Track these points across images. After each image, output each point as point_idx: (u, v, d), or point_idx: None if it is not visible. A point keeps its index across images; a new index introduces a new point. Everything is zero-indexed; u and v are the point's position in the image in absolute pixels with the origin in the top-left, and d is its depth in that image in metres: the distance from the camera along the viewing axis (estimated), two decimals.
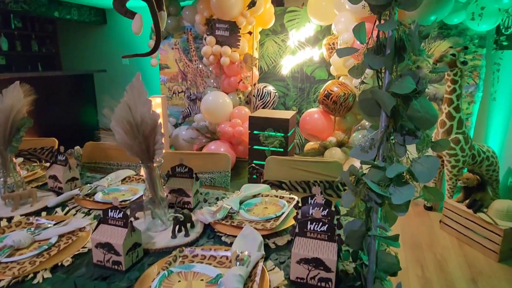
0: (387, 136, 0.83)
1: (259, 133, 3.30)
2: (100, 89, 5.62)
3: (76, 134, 4.78)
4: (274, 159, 2.04)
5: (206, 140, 4.00)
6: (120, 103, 1.05)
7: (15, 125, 1.25)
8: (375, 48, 0.81)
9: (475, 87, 3.20)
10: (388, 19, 0.74)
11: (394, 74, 0.81)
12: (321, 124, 3.54)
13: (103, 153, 2.29)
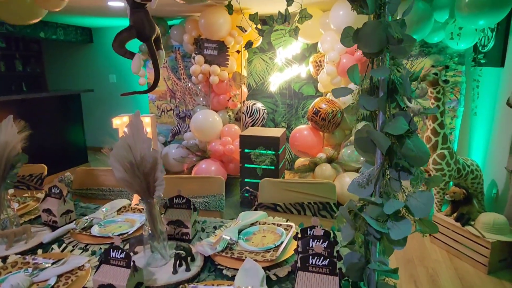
0: (383, 173, 0.87)
1: (250, 151, 3.32)
2: (87, 108, 5.57)
3: (63, 154, 4.70)
4: (268, 181, 2.06)
5: (196, 159, 3.99)
6: (119, 140, 1.06)
7: (10, 162, 1.23)
8: (369, 89, 0.86)
9: (457, 102, 3.33)
10: (381, 65, 0.79)
11: (388, 114, 0.86)
12: (311, 140, 3.60)
13: (94, 179, 2.27)
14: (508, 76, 2.73)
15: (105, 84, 5.80)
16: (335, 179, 3.38)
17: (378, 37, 0.75)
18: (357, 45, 0.83)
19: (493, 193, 2.90)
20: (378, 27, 0.75)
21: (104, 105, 5.90)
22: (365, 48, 0.78)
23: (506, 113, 2.65)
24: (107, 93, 5.81)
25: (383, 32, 0.75)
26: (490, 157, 2.97)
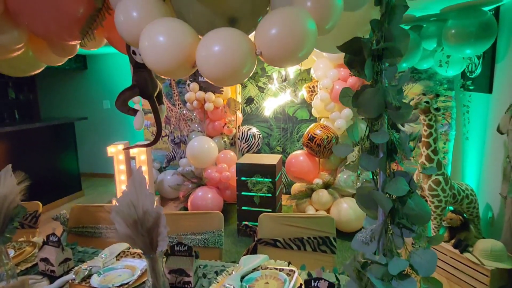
0: (385, 229, 0.88)
1: (247, 179, 3.32)
2: (81, 134, 5.54)
3: (57, 183, 4.64)
4: (267, 216, 2.06)
5: (192, 186, 3.97)
6: (122, 195, 1.06)
7: (9, 215, 1.22)
8: (369, 148, 0.88)
9: (448, 126, 3.40)
10: (380, 129, 0.82)
11: (388, 172, 0.88)
12: (307, 166, 3.62)
13: (90, 216, 2.23)
14: (496, 103, 2.81)
15: (99, 110, 5.80)
16: (332, 205, 3.39)
17: (376, 103, 0.78)
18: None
19: (488, 217, 2.93)
20: (376, 94, 0.78)
21: (98, 131, 5.88)
22: (365, 113, 0.80)
23: (497, 139, 2.71)
24: (101, 119, 5.80)
25: (381, 98, 0.78)
26: (484, 181, 3.02)
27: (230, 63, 0.77)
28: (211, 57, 0.78)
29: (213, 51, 0.78)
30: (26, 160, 4.20)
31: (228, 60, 0.77)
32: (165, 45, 0.78)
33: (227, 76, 0.80)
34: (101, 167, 5.87)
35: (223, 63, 0.77)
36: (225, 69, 0.78)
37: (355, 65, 0.82)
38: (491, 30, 2.65)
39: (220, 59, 0.77)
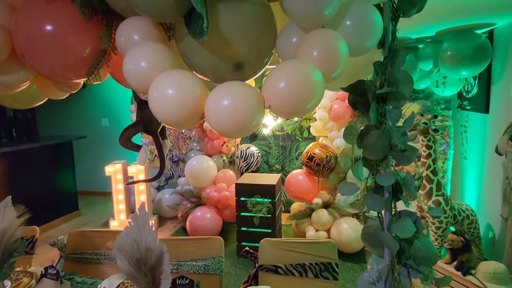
0: (392, 270, 0.87)
1: (246, 199, 3.30)
2: (78, 153, 5.52)
3: (53, 202, 4.58)
4: (268, 242, 2.04)
5: (191, 205, 3.94)
6: (124, 231, 1.05)
7: (8, 250, 1.20)
8: (374, 188, 0.88)
9: (446, 145, 3.42)
10: (385, 171, 0.82)
11: (394, 211, 0.88)
12: (306, 185, 3.61)
13: (89, 242, 2.20)
14: (493, 123, 2.83)
15: (97, 128, 5.79)
16: (333, 225, 3.36)
17: (381, 145, 0.79)
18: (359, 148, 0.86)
19: (489, 237, 2.91)
20: (381, 137, 0.78)
21: (96, 149, 5.86)
22: (370, 155, 0.81)
23: (495, 159, 2.73)
24: (100, 137, 5.79)
25: (386, 140, 0.79)
26: (483, 201, 3.02)
27: (239, 117, 0.78)
28: (220, 111, 0.79)
29: (222, 105, 0.79)
30: (23, 179, 4.16)
31: (237, 114, 0.78)
32: (174, 98, 0.78)
33: (236, 129, 0.80)
34: (98, 185, 5.83)
35: (232, 117, 0.78)
36: (234, 123, 0.78)
37: (359, 106, 0.83)
38: (486, 52, 2.71)
39: (229, 113, 0.78)
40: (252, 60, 0.94)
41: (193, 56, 0.93)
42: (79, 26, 1.02)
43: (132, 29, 0.90)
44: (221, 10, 0.82)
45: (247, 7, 0.86)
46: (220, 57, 0.89)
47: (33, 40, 1.02)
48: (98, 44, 1.04)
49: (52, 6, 1.01)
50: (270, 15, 0.92)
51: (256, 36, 0.89)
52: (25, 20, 1.03)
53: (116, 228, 4.19)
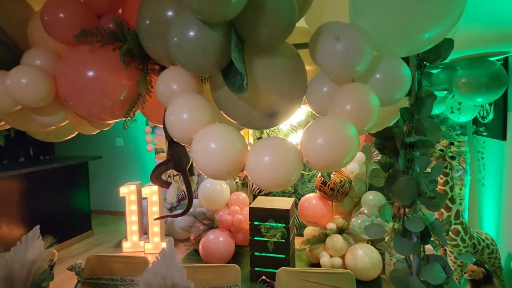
0: None
1: (260, 224, 3.29)
2: (94, 174, 5.60)
3: (68, 221, 4.62)
4: (286, 271, 2.02)
5: (204, 228, 3.94)
6: (151, 266, 1.06)
7: (36, 281, 1.22)
8: (401, 231, 0.89)
9: (463, 171, 3.38)
10: (414, 216, 0.83)
11: (422, 255, 0.88)
12: (320, 210, 3.58)
13: (106, 267, 2.21)
14: (511, 150, 2.80)
15: (112, 147, 5.89)
16: (347, 251, 3.31)
17: (409, 192, 0.80)
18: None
19: (511, 267, 2.83)
20: (409, 183, 0.80)
21: (110, 169, 5.94)
22: (398, 200, 0.82)
23: None
24: (114, 157, 5.88)
25: (414, 187, 0.80)
26: (504, 230, 2.94)
27: (280, 172, 0.81)
28: (261, 166, 0.82)
29: (263, 161, 0.82)
30: (40, 199, 4.23)
31: (277, 170, 0.81)
32: (217, 151, 0.82)
33: (276, 184, 0.83)
34: (111, 204, 5.88)
35: (273, 172, 0.81)
36: (274, 178, 0.82)
37: (387, 151, 0.85)
38: (502, 80, 2.71)
39: (270, 169, 0.81)
40: (285, 108, 0.97)
41: (227, 103, 0.98)
42: (117, 71, 1.08)
43: (171, 79, 0.96)
44: (257, 63, 0.87)
45: (280, 59, 0.90)
46: (255, 106, 0.93)
47: (75, 85, 1.08)
48: (133, 87, 1.10)
49: (94, 54, 1.07)
50: (301, 64, 0.97)
51: (289, 86, 0.93)
52: (68, 67, 1.10)
53: (128, 251, 4.20)
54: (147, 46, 1.00)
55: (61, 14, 1.03)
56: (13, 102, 1.13)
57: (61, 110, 1.22)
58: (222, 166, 0.83)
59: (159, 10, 0.92)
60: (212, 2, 0.69)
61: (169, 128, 0.93)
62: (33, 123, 1.27)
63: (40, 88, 1.08)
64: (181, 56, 0.84)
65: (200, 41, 0.79)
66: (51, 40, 1.12)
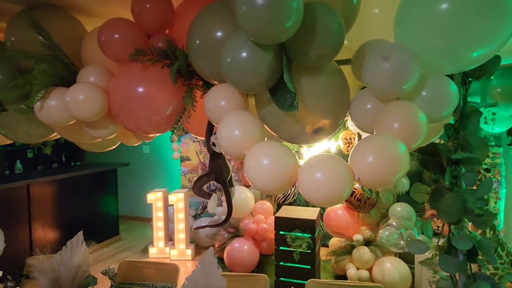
0: None
1: (286, 233, 3.28)
2: (122, 180, 5.77)
3: (97, 226, 4.78)
4: (315, 282, 2.01)
5: (228, 236, 3.97)
6: (192, 274, 1.09)
7: (81, 285, 1.28)
8: (446, 248, 0.88)
9: (498, 183, 3.25)
10: (460, 234, 0.82)
11: (468, 273, 0.86)
12: (346, 220, 3.54)
13: (138, 272, 2.28)
14: None
15: (138, 154, 6.06)
16: (375, 264, 3.24)
17: (456, 209, 0.79)
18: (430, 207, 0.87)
19: None
20: (456, 200, 0.79)
21: (137, 176, 6.10)
22: (444, 218, 0.81)
23: None
24: (141, 164, 6.04)
25: (461, 204, 0.79)
26: None
27: (331, 189, 0.83)
28: (313, 182, 0.85)
29: (315, 178, 0.85)
30: (71, 204, 4.40)
31: (329, 187, 0.83)
32: (269, 167, 0.86)
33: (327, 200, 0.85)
34: (137, 210, 6.02)
35: (325, 189, 0.84)
36: (326, 194, 0.84)
37: (431, 167, 0.85)
38: None
39: (321, 185, 0.84)
40: (329, 124, 0.99)
41: (272, 119, 1.01)
42: (164, 87, 1.14)
43: (220, 96, 1.00)
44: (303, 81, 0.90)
45: (325, 77, 0.93)
46: (300, 123, 0.96)
47: (126, 100, 1.15)
48: (178, 103, 1.16)
49: (144, 71, 1.14)
50: (344, 81, 0.99)
51: (333, 103, 0.96)
52: (120, 83, 1.17)
53: (154, 256, 4.28)
54: (196, 64, 1.05)
55: (117, 34, 1.11)
56: (70, 116, 1.21)
57: (111, 124, 1.29)
58: (274, 182, 0.86)
59: (208, 31, 0.97)
60: (268, 26, 0.73)
61: (220, 143, 0.97)
62: (84, 135, 1.35)
63: (96, 104, 1.16)
64: (233, 76, 0.88)
65: (252, 62, 0.82)
66: (103, 58, 1.20)
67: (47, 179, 4.02)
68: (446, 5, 0.77)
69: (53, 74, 1.21)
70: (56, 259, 1.39)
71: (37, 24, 1.23)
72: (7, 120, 1.46)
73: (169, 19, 1.18)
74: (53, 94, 1.21)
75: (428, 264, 0.89)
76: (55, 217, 4.17)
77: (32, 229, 3.84)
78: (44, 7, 1.33)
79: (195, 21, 1.01)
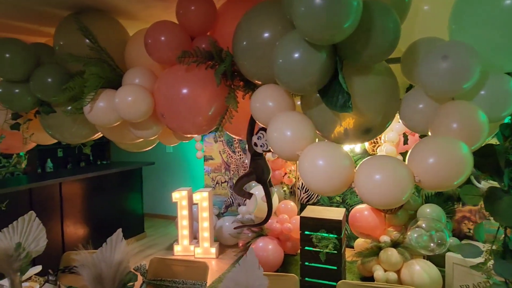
0: None
1: (311, 234, 3.26)
2: (147, 178, 5.90)
3: (123, 223, 4.87)
4: (346, 284, 1.99)
5: (252, 235, 3.98)
6: (231, 273, 1.10)
7: (122, 281, 1.32)
8: (502, 252, 0.85)
9: None
10: None
11: None
12: (373, 221, 3.48)
13: (168, 269, 2.32)
14: None
15: (162, 154, 6.17)
16: (403, 266, 3.18)
17: None
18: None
19: None
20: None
21: (160, 174, 6.22)
22: (501, 220, 0.79)
23: None
24: (164, 162, 6.15)
25: None
26: None
27: (391, 191, 0.82)
28: (372, 184, 0.84)
29: (374, 179, 0.83)
30: (97, 201, 4.52)
31: (389, 189, 0.82)
32: (325, 169, 0.85)
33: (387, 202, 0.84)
34: (161, 208, 6.14)
35: (384, 190, 0.82)
36: (385, 196, 0.83)
37: (486, 168, 0.82)
38: None
39: (381, 187, 0.82)
40: (379, 125, 0.98)
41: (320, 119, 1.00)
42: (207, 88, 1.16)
43: (267, 97, 1.01)
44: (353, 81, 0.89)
45: (375, 76, 0.92)
46: (350, 123, 0.95)
47: (171, 101, 1.18)
48: (220, 103, 1.17)
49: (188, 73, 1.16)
50: (394, 80, 0.97)
51: (383, 103, 0.94)
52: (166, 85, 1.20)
53: (179, 254, 4.35)
54: (241, 65, 1.05)
55: (163, 37, 1.13)
56: (118, 117, 1.25)
57: (155, 124, 1.33)
58: (330, 183, 0.85)
59: (256, 32, 0.98)
60: (326, 27, 0.72)
61: (272, 144, 0.97)
62: (127, 135, 1.40)
63: (143, 105, 1.19)
64: (284, 77, 0.88)
65: (305, 62, 0.82)
66: (145, 61, 1.23)
67: (78, 177, 4.16)
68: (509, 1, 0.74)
69: (102, 77, 1.25)
70: (97, 255, 1.43)
71: (85, 28, 1.28)
72: (55, 121, 1.53)
73: (212, 21, 1.20)
74: (102, 96, 1.26)
75: (481, 269, 0.87)
76: (84, 214, 4.31)
77: (64, 226, 3.98)
78: (90, 11, 1.38)
79: (242, 22, 1.02)
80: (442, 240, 3.12)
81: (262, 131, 1.16)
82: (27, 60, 1.39)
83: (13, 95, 1.45)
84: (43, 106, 1.49)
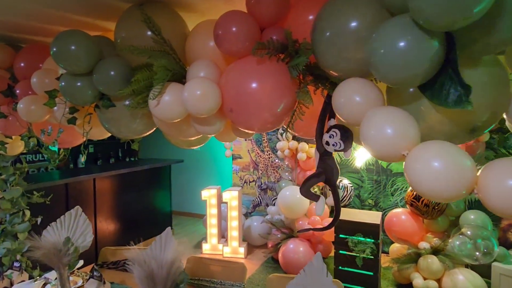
0: None
1: (347, 237, 3.16)
2: (175, 176, 5.94)
3: (151, 220, 4.94)
4: None
5: (281, 236, 3.91)
6: (296, 279, 1.05)
7: (175, 281, 1.28)
8: None
9: None
10: None
11: None
12: (411, 227, 3.34)
13: (206, 269, 2.29)
14: None
15: (191, 152, 6.19)
16: (445, 275, 3.02)
17: None
18: None
19: None
20: None
21: (188, 172, 6.25)
22: None
23: None
24: (191, 161, 6.17)
25: None
26: None
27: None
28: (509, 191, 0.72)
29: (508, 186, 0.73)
30: (127, 198, 4.57)
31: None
32: (443, 171, 0.75)
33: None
34: (188, 206, 6.16)
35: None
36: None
37: None
38: None
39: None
40: (487, 121, 0.89)
41: (418, 114, 0.90)
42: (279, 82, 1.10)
43: (354, 91, 0.93)
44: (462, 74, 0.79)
45: (485, 69, 0.82)
46: (456, 121, 0.87)
47: (241, 95, 1.13)
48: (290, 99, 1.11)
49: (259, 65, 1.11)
50: (505, 73, 0.87)
51: (494, 98, 0.85)
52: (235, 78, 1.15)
53: (207, 252, 4.33)
54: (321, 56, 0.99)
55: (234, 28, 1.08)
56: (183, 111, 1.22)
57: (219, 120, 1.28)
58: (449, 187, 0.76)
59: (341, 21, 0.90)
60: (451, 11, 0.64)
61: (369, 144, 0.90)
62: (186, 131, 1.36)
63: (212, 99, 1.15)
64: (385, 68, 0.80)
65: (415, 51, 0.74)
66: (207, 53, 1.19)
67: (110, 173, 4.21)
68: None
69: (169, 69, 1.22)
70: (147, 253, 1.41)
71: (150, 19, 1.25)
72: (112, 116, 1.52)
73: (285, 11, 1.14)
74: (168, 89, 1.22)
75: None
76: (115, 210, 4.37)
77: (97, 221, 4.05)
78: (151, 3, 1.35)
79: (324, 11, 0.95)
80: (488, 249, 2.94)
81: (335, 129, 1.08)
82: (91, 53, 1.37)
83: (75, 88, 1.44)
84: (104, 100, 1.48)
